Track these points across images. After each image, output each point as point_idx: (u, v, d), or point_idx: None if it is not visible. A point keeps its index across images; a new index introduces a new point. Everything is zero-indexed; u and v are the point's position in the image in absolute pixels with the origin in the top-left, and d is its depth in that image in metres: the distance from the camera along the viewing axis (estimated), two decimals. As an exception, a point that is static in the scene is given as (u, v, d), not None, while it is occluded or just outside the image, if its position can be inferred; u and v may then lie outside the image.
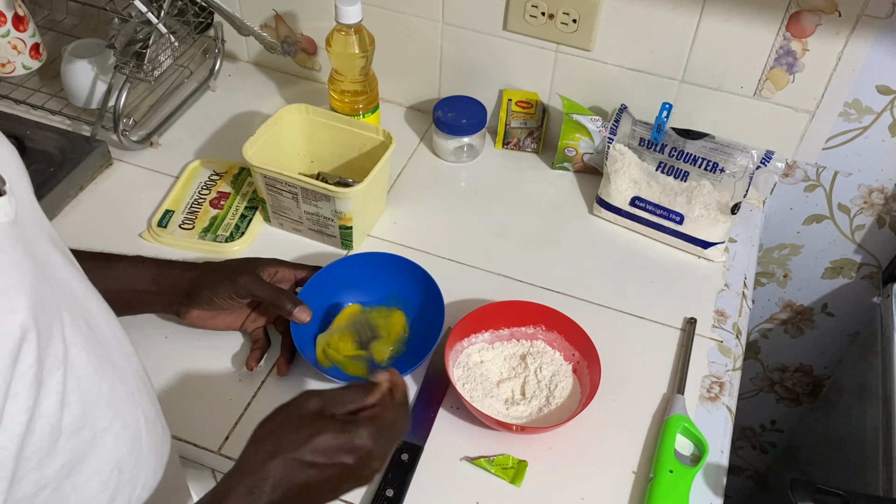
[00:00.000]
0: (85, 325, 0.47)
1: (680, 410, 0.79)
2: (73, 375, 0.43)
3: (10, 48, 1.10)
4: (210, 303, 0.79)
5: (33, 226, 0.46)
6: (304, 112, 0.97)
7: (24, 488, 0.43)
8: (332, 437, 0.57)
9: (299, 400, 0.60)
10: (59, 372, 0.42)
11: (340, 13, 0.93)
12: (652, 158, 0.97)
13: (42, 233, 0.47)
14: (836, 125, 0.96)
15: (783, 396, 1.34)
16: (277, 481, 0.55)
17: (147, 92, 1.12)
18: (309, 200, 0.91)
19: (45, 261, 0.45)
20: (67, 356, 0.43)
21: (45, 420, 0.42)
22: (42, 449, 0.42)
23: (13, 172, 0.47)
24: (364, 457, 0.59)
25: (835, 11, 0.86)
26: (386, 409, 0.62)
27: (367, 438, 0.59)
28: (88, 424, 0.46)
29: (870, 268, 1.10)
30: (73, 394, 0.44)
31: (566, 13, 0.96)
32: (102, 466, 0.48)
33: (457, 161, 1.09)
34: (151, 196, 1.01)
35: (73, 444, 0.45)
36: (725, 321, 0.91)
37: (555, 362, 0.83)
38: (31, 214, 0.47)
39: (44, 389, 0.41)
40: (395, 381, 0.65)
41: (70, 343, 0.43)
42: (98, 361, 0.47)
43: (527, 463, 0.76)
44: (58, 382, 0.42)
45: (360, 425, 0.59)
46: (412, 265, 0.86)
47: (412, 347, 0.83)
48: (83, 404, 0.45)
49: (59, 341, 0.42)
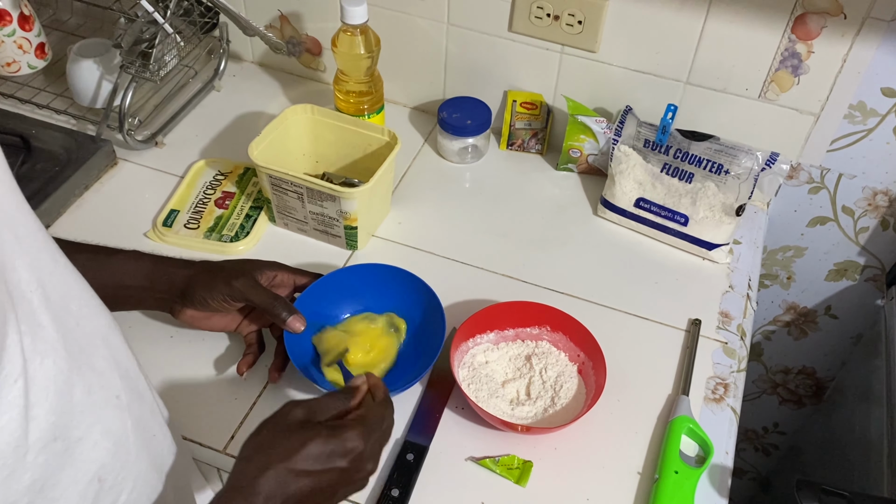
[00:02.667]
0: (54, 329, 0.44)
1: (685, 411, 0.79)
2: (38, 386, 0.41)
3: (16, 47, 1.10)
4: (204, 303, 0.77)
5: (1, 224, 0.43)
6: (309, 112, 0.97)
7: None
8: (322, 442, 0.57)
9: (283, 411, 0.60)
10: (18, 385, 0.40)
11: (346, 14, 0.93)
12: (656, 160, 0.97)
13: (13, 229, 0.44)
14: (840, 127, 0.96)
15: (786, 399, 1.34)
16: (270, 494, 0.55)
17: (152, 92, 1.12)
18: (314, 200, 0.91)
19: (8, 264, 0.42)
20: (27, 368, 0.40)
21: (7, 436, 0.39)
22: (7, 466, 0.40)
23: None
24: (357, 458, 0.59)
25: (840, 14, 0.86)
26: (370, 410, 0.63)
27: (358, 439, 0.59)
28: (61, 435, 0.44)
29: (874, 270, 1.10)
30: (39, 406, 0.41)
31: (571, 14, 0.97)
32: (80, 477, 0.46)
33: (461, 162, 1.09)
34: (156, 195, 1.01)
35: (45, 458, 0.43)
36: (730, 323, 0.91)
37: (560, 363, 0.83)
38: (2, 210, 0.44)
39: (2, 404, 0.39)
40: (372, 383, 0.66)
41: (30, 353, 0.41)
42: (69, 368, 0.45)
43: (532, 463, 0.76)
44: (17, 396, 0.40)
45: (348, 428, 0.59)
46: (414, 278, 0.84)
47: (413, 359, 0.82)
48: (53, 415, 0.43)
49: (16, 353, 0.39)
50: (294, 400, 0.62)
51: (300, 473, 0.56)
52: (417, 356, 0.82)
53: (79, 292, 0.50)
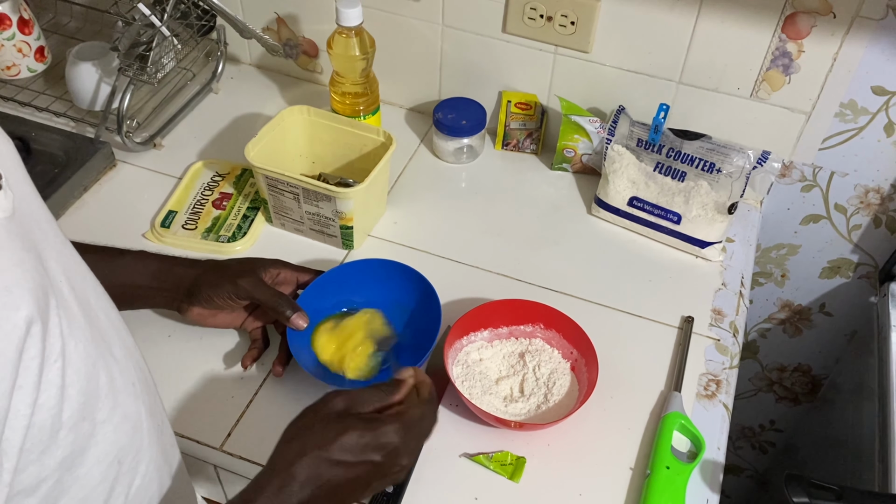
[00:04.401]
0: (82, 317, 0.47)
1: (677, 408, 0.80)
2: (72, 368, 0.44)
3: (16, 51, 1.11)
4: (210, 302, 0.80)
5: (30, 218, 0.46)
6: (305, 114, 0.98)
7: (25, 480, 0.43)
8: (358, 435, 0.58)
9: (325, 399, 0.61)
10: (58, 365, 0.42)
11: (341, 16, 0.94)
12: (650, 159, 0.98)
13: (40, 224, 0.47)
14: (832, 126, 0.97)
15: (782, 396, 1.35)
16: (306, 479, 0.56)
17: (150, 94, 1.13)
18: (310, 201, 0.92)
19: (43, 254, 0.45)
20: (65, 349, 0.43)
21: (45, 412, 0.42)
22: (42, 441, 0.43)
23: (10, 164, 0.47)
24: (391, 453, 0.60)
25: (830, 13, 0.87)
26: (412, 406, 0.63)
27: (394, 435, 0.59)
28: (88, 416, 0.46)
29: (867, 267, 1.11)
30: (73, 386, 0.44)
31: (564, 15, 0.97)
32: (102, 458, 0.49)
33: (457, 162, 1.10)
34: (155, 197, 1.02)
35: (74, 436, 0.45)
36: (723, 320, 0.92)
37: (553, 360, 0.84)
38: (29, 206, 0.47)
39: (43, 382, 0.41)
40: (420, 379, 0.66)
41: (67, 336, 0.43)
42: (97, 353, 0.47)
43: (525, 459, 0.77)
44: (56, 375, 0.42)
45: (385, 422, 0.60)
46: (414, 272, 0.85)
47: (410, 350, 0.83)
48: (83, 396, 0.45)
49: (56, 335, 0.42)
50: (337, 390, 0.63)
51: (334, 463, 0.57)
52: (415, 346, 0.83)
53: (94, 286, 0.53)
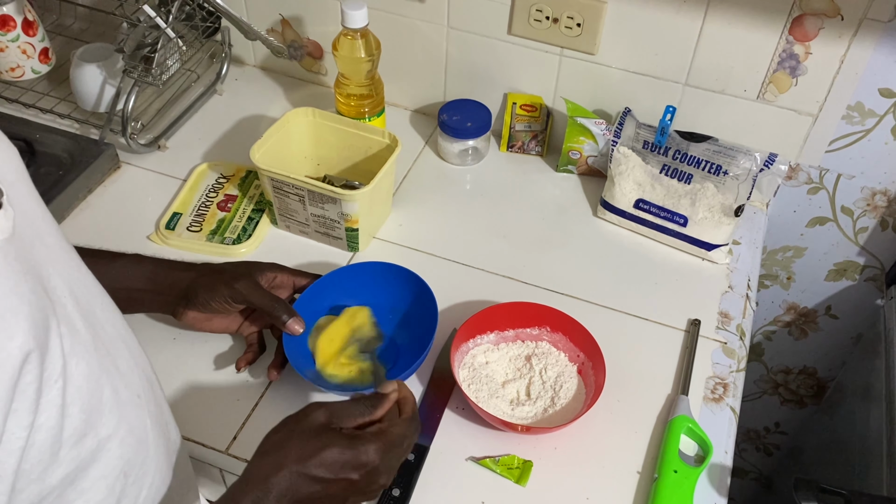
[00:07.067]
0: (86, 332, 0.46)
1: (684, 411, 0.80)
2: (74, 386, 0.43)
3: (20, 52, 1.11)
4: (206, 305, 0.78)
5: (33, 234, 0.45)
6: (310, 115, 0.98)
7: (26, 499, 0.42)
8: (338, 452, 0.57)
9: (306, 411, 0.60)
10: (58, 385, 0.42)
11: (347, 18, 0.94)
12: (656, 161, 0.98)
13: (43, 239, 0.47)
14: (838, 128, 0.96)
15: (787, 399, 1.34)
16: (282, 493, 0.56)
17: (155, 96, 1.13)
18: (315, 203, 0.91)
19: (44, 272, 0.44)
20: (66, 368, 0.42)
21: (44, 433, 0.41)
22: (42, 461, 0.42)
23: (12, 177, 0.47)
24: (370, 472, 0.59)
25: (837, 15, 0.87)
26: (394, 425, 0.62)
27: (374, 454, 0.58)
28: (91, 432, 0.46)
29: (873, 270, 1.10)
30: (74, 405, 0.43)
31: (570, 17, 0.97)
32: (107, 472, 0.48)
33: (462, 164, 1.10)
34: (159, 199, 1.02)
35: (77, 452, 0.45)
36: (729, 323, 0.91)
37: (560, 363, 0.84)
38: (31, 221, 0.46)
39: (42, 403, 0.41)
40: (403, 395, 0.65)
41: (69, 355, 0.43)
42: (100, 367, 0.47)
43: (532, 463, 0.77)
44: (56, 395, 0.42)
45: (367, 441, 0.59)
46: (413, 276, 0.85)
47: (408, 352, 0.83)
48: (85, 413, 0.44)
49: (57, 356, 0.42)
50: (318, 402, 0.61)
51: (312, 479, 0.57)
52: (411, 350, 0.82)
53: (100, 296, 0.53)
